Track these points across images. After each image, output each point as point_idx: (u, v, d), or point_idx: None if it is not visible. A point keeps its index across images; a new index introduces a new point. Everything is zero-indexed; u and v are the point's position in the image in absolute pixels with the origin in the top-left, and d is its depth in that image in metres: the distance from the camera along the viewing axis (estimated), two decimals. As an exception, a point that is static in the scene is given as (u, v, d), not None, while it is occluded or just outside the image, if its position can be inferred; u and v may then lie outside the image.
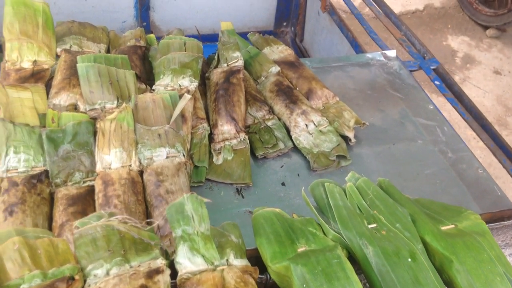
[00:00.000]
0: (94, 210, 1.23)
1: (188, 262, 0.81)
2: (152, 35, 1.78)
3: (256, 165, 1.47)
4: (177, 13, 2.52)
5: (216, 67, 1.60)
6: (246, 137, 1.46)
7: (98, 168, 1.28)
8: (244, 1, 2.55)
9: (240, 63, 1.56)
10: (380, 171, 1.45)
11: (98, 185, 1.25)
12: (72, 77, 1.43)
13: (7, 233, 0.84)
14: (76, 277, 0.76)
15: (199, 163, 1.40)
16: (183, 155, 1.33)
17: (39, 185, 1.23)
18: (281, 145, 1.48)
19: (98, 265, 0.80)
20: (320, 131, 1.51)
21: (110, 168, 1.28)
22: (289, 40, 2.70)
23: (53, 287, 0.72)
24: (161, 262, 0.80)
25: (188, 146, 1.40)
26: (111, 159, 1.28)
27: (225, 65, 1.58)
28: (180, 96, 1.42)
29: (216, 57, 1.62)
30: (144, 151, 1.31)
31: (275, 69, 1.66)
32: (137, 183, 1.26)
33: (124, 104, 1.35)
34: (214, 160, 1.44)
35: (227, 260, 0.84)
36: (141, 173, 1.31)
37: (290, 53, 1.76)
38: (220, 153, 1.46)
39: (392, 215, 0.89)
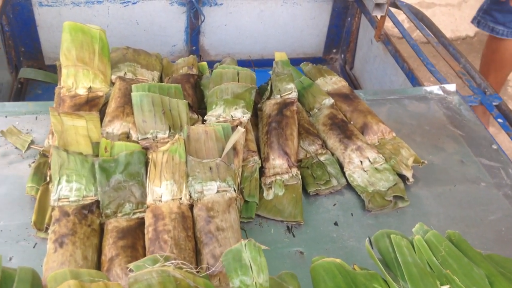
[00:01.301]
0: (144, 244, 1.20)
1: (246, 318, 0.76)
2: (204, 63, 1.78)
3: (307, 201, 1.41)
4: (227, 38, 2.52)
5: (268, 98, 1.57)
6: (298, 172, 1.41)
7: (149, 200, 1.26)
8: (294, 27, 2.53)
9: (294, 95, 1.52)
10: (440, 215, 1.37)
11: (148, 218, 1.22)
12: (126, 106, 1.42)
13: (62, 274, 0.82)
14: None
15: (249, 198, 1.36)
16: (234, 190, 1.30)
17: (90, 216, 1.22)
18: (334, 182, 1.42)
19: (152, 315, 0.76)
20: (376, 168, 1.44)
21: (160, 201, 1.25)
22: (338, 68, 2.65)
23: None
24: (218, 317, 0.75)
25: (239, 179, 1.37)
26: (162, 191, 1.26)
27: (278, 96, 1.54)
28: (233, 128, 1.39)
29: (269, 87, 1.58)
30: (195, 184, 1.28)
31: (329, 101, 1.61)
32: (187, 218, 1.23)
33: (176, 136, 1.33)
34: (264, 195, 1.40)
35: (286, 316, 0.79)
36: (190, 207, 1.28)
37: (344, 84, 1.71)
38: (270, 188, 1.41)
39: (468, 276, 0.81)
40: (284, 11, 2.46)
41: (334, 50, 2.66)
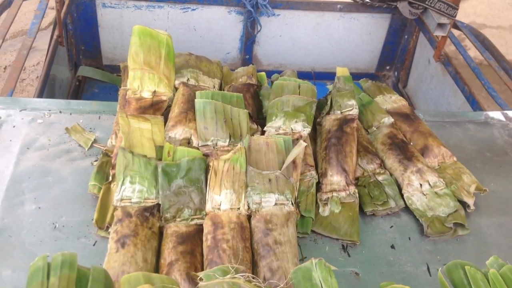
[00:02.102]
0: (202, 251, 1.21)
1: None
2: (263, 73, 1.79)
3: (363, 221, 1.39)
4: (280, 49, 2.53)
5: (328, 113, 1.56)
6: (356, 191, 1.40)
7: (208, 207, 1.27)
8: (349, 42, 2.51)
9: (355, 111, 1.50)
10: (502, 246, 1.33)
11: (207, 226, 1.23)
12: (189, 112, 1.44)
13: (135, 277, 0.84)
14: None
15: (305, 213, 1.35)
16: (292, 204, 1.29)
17: (151, 219, 1.24)
18: (392, 203, 1.40)
19: (224, 327, 0.76)
20: (436, 193, 1.41)
21: (219, 209, 1.26)
22: (390, 85, 2.62)
23: None
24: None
25: (296, 193, 1.36)
26: (221, 200, 1.27)
27: (339, 112, 1.53)
28: (293, 142, 1.39)
29: (328, 102, 1.58)
30: (253, 195, 1.28)
31: (388, 120, 1.59)
32: (245, 229, 1.23)
33: (239, 145, 1.34)
34: (320, 211, 1.39)
35: None
36: (248, 217, 1.28)
37: (404, 104, 1.68)
38: (326, 204, 1.40)
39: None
40: (340, 25, 2.45)
41: (388, 67, 2.63)
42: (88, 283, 0.82)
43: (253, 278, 0.84)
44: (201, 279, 0.86)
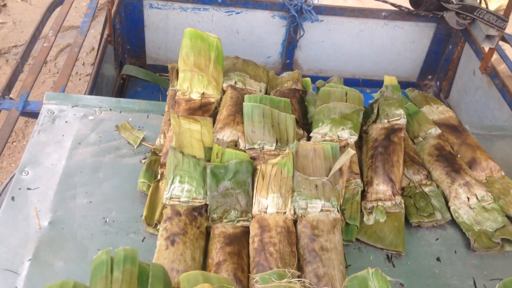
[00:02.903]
0: (248, 253, 1.23)
1: None
2: (308, 79, 1.79)
3: (407, 231, 1.38)
4: (321, 54, 2.53)
5: (374, 121, 1.55)
6: (402, 201, 1.39)
7: (255, 210, 1.28)
8: (391, 50, 2.50)
9: (403, 121, 1.49)
10: (551, 265, 1.30)
11: (254, 228, 1.25)
12: (237, 114, 1.46)
13: (194, 276, 0.86)
14: None
15: (350, 220, 1.35)
16: (338, 211, 1.29)
17: (199, 218, 1.26)
18: (438, 215, 1.38)
19: (281, 331, 0.77)
20: (483, 207, 1.39)
21: (265, 212, 1.27)
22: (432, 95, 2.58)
23: None
24: None
25: (341, 200, 1.36)
26: (268, 203, 1.28)
27: (386, 121, 1.53)
28: (340, 149, 1.39)
29: (375, 111, 1.57)
30: (300, 200, 1.29)
31: (435, 131, 1.58)
32: (292, 233, 1.24)
33: (287, 150, 1.35)
34: (364, 219, 1.38)
35: None
36: (294, 222, 1.29)
37: (451, 115, 1.66)
38: (371, 213, 1.39)
39: None
40: (383, 33, 2.43)
41: (430, 77, 2.60)
42: (148, 279, 0.84)
43: (310, 284, 0.85)
44: (256, 282, 0.87)
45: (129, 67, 2.42)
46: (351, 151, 1.32)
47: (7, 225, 1.25)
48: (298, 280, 0.85)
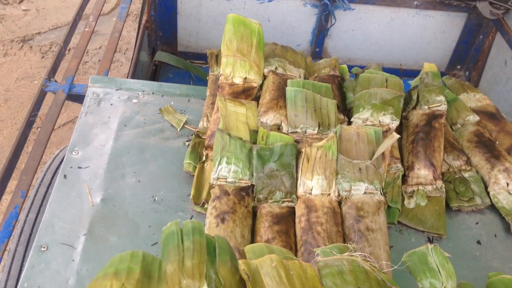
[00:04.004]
0: (295, 232, 1.26)
1: (439, 319, 0.79)
2: (345, 66, 1.81)
3: (447, 215, 1.41)
4: (351, 43, 2.55)
5: (414, 107, 1.57)
6: (443, 185, 1.41)
7: (300, 192, 1.32)
8: (422, 39, 2.50)
9: (444, 107, 1.51)
10: None
11: (300, 208, 1.28)
12: (280, 99, 1.49)
13: (259, 247, 0.89)
14: (332, 308, 0.78)
15: (392, 203, 1.38)
16: (381, 194, 1.32)
17: (246, 198, 1.30)
18: (478, 200, 1.41)
19: (347, 300, 0.81)
20: (523, 193, 1.41)
21: (310, 194, 1.31)
22: (461, 84, 2.59)
23: (319, 315, 0.75)
24: (414, 312, 0.79)
25: (383, 184, 1.39)
26: (313, 185, 1.31)
27: (426, 107, 1.54)
28: (383, 133, 1.42)
29: (414, 97, 1.59)
30: (343, 182, 1.32)
31: (474, 118, 1.59)
32: (337, 214, 1.28)
33: (331, 134, 1.38)
34: (405, 203, 1.41)
35: (476, 325, 0.80)
36: (338, 204, 1.32)
37: (488, 103, 1.67)
38: (411, 197, 1.42)
39: None
40: (414, 22, 2.44)
41: (459, 67, 2.60)
42: (215, 249, 0.88)
43: (369, 258, 0.88)
44: (317, 255, 0.91)
45: (162, 54, 2.46)
46: (396, 135, 1.35)
47: (61, 201, 1.30)
48: (359, 254, 0.88)
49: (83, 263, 1.17)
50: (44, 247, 1.19)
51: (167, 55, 2.48)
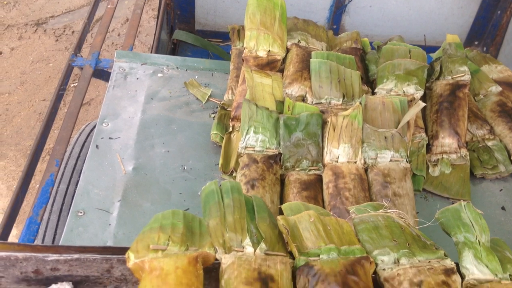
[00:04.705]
0: (323, 198, 1.29)
1: (475, 269, 0.81)
2: (366, 39, 1.82)
3: (472, 183, 1.43)
4: (368, 20, 2.54)
5: (437, 78, 1.59)
6: (467, 154, 1.43)
7: (326, 160, 1.34)
8: (439, 15, 2.49)
9: (467, 77, 1.52)
10: None
11: (328, 175, 1.31)
12: (304, 71, 1.51)
13: (296, 205, 0.92)
14: (371, 259, 0.81)
15: (417, 171, 1.40)
16: (406, 161, 1.35)
17: (274, 166, 1.33)
18: (501, 168, 1.42)
19: (384, 252, 0.84)
20: (547, 160, 1.42)
21: (337, 162, 1.33)
22: (478, 60, 2.58)
23: (360, 263, 0.78)
24: (451, 263, 0.81)
25: (408, 153, 1.41)
26: (339, 153, 1.34)
27: (449, 77, 1.56)
28: (408, 103, 1.44)
29: (437, 68, 1.60)
30: (369, 150, 1.34)
31: (496, 88, 1.60)
32: (364, 181, 1.30)
33: (357, 103, 1.40)
34: (430, 171, 1.44)
35: (510, 275, 0.83)
36: (364, 171, 1.34)
37: (510, 74, 1.68)
38: (436, 165, 1.44)
39: None
40: (432, -3, 2.43)
41: (476, 42, 2.59)
42: (254, 207, 0.91)
43: (403, 215, 0.91)
44: (353, 212, 0.94)
45: (180, 32, 2.48)
46: (422, 103, 1.36)
47: (94, 170, 1.34)
48: (394, 211, 0.91)
49: (119, 227, 1.22)
50: (81, 212, 1.23)
51: (185, 33, 2.49)
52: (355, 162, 1.33)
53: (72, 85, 3.55)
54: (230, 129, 1.45)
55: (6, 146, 3.23)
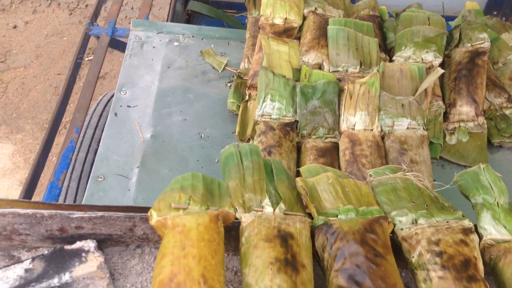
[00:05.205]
0: (339, 165, 1.30)
1: (493, 229, 0.82)
2: (384, 7, 1.79)
3: (489, 151, 1.42)
4: (385, -11, 2.49)
5: (457, 45, 1.56)
6: (485, 122, 1.42)
7: (343, 127, 1.34)
8: (458, -17, 2.44)
9: (487, 45, 1.50)
10: None
11: (344, 142, 1.31)
12: (321, 38, 1.50)
13: (314, 167, 0.93)
14: (389, 219, 0.82)
15: (434, 139, 1.40)
16: (423, 129, 1.34)
17: (291, 133, 1.33)
18: (520, 136, 1.41)
19: (402, 213, 0.84)
20: None
21: (353, 129, 1.33)
22: (497, 30, 2.53)
23: (378, 222, 0.79)
24: (469, 223, 0.82)
25: (425, 120, 1.40)
26: (356, 120, 1.33)
27: (469, 45, 1.53)
28: (426, 70, 1.42)
29: (457, 35, 1.58)
30: (386, 118, 1.34)
31: (516, 57, 1.58)
32: (381, 148, 1.30)
33: (375, 70, 1.39)
34: (447, 139, 1.43)
35: (527, 237, 0.83)
36: (381, 138, 1.34)
37: (531, 42, 1.65)
38: (453, 133, 1.44)
39: None
40: (451, -35, 2.37)
41: (495, 12, 2.53)
42: (272, 170, 0.92)
43: (421, 178, 0.91)
44: (370, 176, 0.94)
45: (194, 3, 2.46)
46: (440, 70, 1.35)
47: (114, 137, 1.36)
48: (412, 174, 0.91)
49: (138, 192, 1.24)
50: (101, 178, 1.25)
51: (200, 4, 2.47)
52: (372, 130, 1.33)
53: (86, 58, 3.57)
54: (247, 97, 1.46)
55: (23, 120, 3.27)
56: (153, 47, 1.63)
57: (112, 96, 1.47)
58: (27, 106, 3.36)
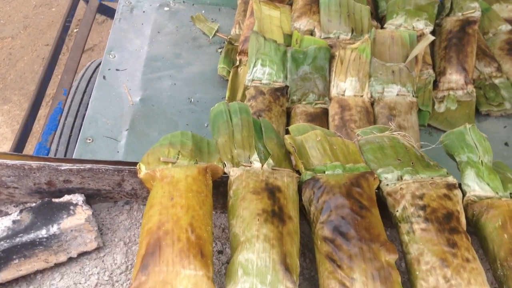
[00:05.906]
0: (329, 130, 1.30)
1: (476, 186, 0.83)
2: (376, -24, 1.78)
3: (476, 120, 1.44)
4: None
5: (448, 14, 1.56)
6: (474, 90, 1.43)
7: (333, 93, 1.34)
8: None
9: (478, 14, 1.50)
10: None
11: (334, 108, 1.31)
12: (313, 4, 1.49)
13: (302, 126, 0.94)
14: (375, 175, 0.83)
15: (423, 107, 1.40)
16: (413, 95, 1.35)
17: (281, 98, 1.33)
18: (507, 105, 1.42)
19: (389, 170, 0.85)
20: (553, 98, 1.42)
21: (343, 95, 1.33)
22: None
23: (364, 177, 0.80)
24: (453, 179, 0.83)
25: (415, 87, 1.41)
26: (346, 86, 1.34)
27: (460, 14, 1.53)
28: (417, 38, 1.42)
29: (448, 4, 1.57)
30: (376, 85, 1.34)
31: (506, 27, 1.58)
32: (370, 113, 1.31)
33: (366, 36, 1.38)
34: (435, 107, 1.44)
35: (510, 193, 0.85)
36: (371, 104, 1.35)
37: (522, 13, 1.65)
38: (442, 101, 1.45)
39: None
40: None
41: (488, -14, 2.53)
42: (261, 128, 0.92)
43: (408, 137, 0.92)
44: (358, 135, 0.95)
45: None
46: (431, 37, 1.35)
47: (102, 100, 1.35)
48: (399, 133, 0.92)
49: (127, 154, 1.24)
50: (89, 139, 1.25)
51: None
52: (362, 96, 1.33)
53: (75, 30, 3.51)
54: (237, 63, 1.45)
55: (10, 91, 3.23)
56: (143, 12, 1.61)
57: (101, 63, 1.45)
58: (14, 77, 3.31)
